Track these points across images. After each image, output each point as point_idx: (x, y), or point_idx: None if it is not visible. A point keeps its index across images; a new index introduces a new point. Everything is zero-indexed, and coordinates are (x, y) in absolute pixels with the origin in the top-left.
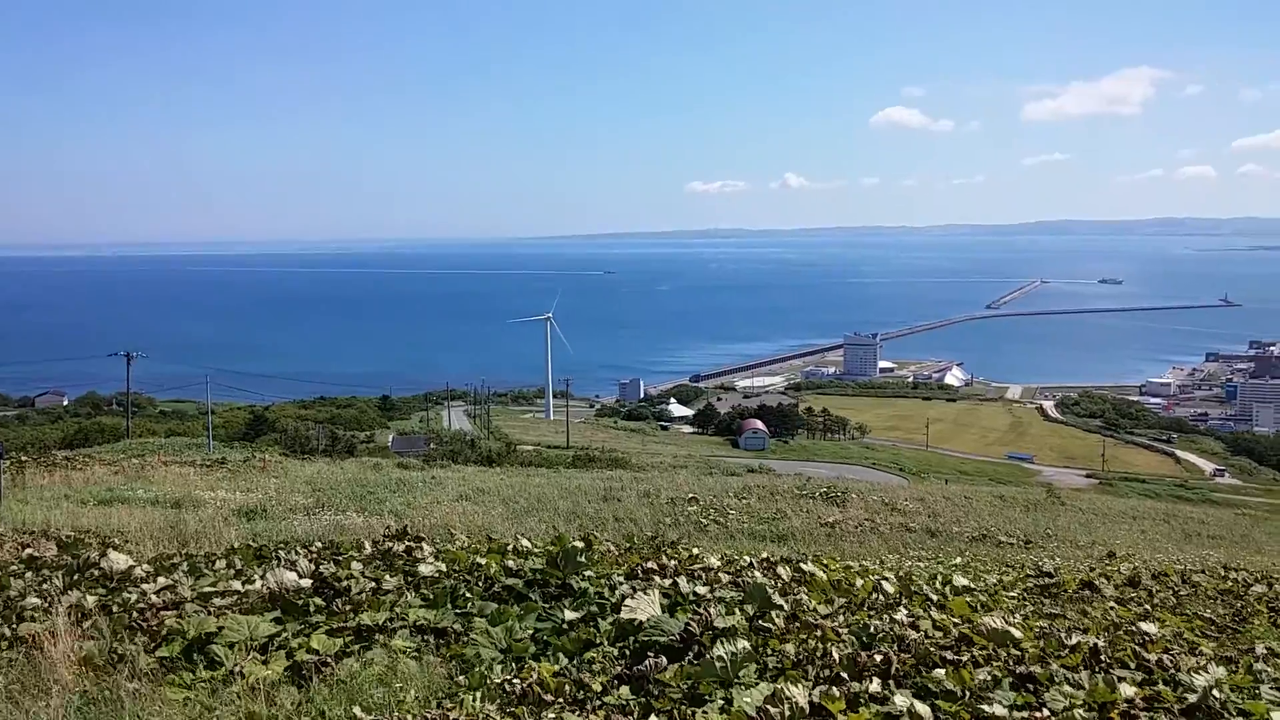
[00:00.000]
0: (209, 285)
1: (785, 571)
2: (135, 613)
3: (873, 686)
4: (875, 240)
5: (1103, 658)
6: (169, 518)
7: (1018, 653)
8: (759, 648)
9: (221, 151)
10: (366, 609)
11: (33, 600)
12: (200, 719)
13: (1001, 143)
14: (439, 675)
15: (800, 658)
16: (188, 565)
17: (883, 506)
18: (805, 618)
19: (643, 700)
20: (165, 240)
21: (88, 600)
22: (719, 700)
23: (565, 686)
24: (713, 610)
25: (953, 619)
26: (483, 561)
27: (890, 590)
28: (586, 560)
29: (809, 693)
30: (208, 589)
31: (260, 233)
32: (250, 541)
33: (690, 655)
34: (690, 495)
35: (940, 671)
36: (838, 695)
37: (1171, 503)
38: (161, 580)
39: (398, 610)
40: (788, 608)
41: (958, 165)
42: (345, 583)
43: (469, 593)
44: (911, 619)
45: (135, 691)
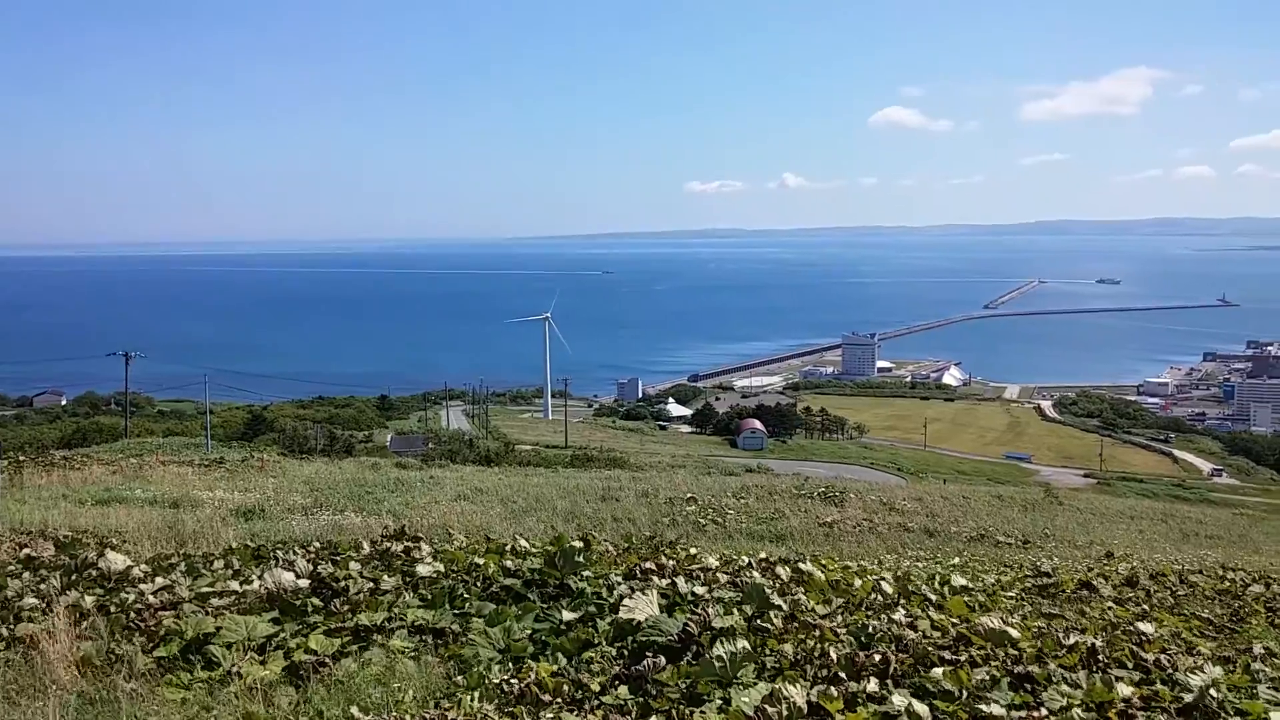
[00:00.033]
0: (209, 285)
1: (783, 572)
2: (133, 613)
3: (870, 686)
4: (873, 240)
5: (1100, 657)
6: (167, 518)
7: (1015, 652)
8: (757, 648)
9: (221, 151)
10: (364, 609)
11: (30, 600)
12: (198, 719)
13: (1000, 143)
14: (437, 675)
15: (798, 658)
16: (185, 565)
17: (881, 506)
18: (803, 618)
19: (641, 700)
20: (165, 240)
21: (85, 600)
22: (717, 700)
23: (563, 686)
24: (711, 610)
25: (951, 619)
26: (481, 561)
27: (888, 590)
28: (585, 560)
29: (807, 692)
30: (205, 589)
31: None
32: (248, 542)
33: (689, 655)
34: (688, 495)
35: (938, 671)
36: (836, 695)
37: (1169, 502)
38: (159, 580)
39: (396, 610)
40: (786, 608)
41: (956, 165)
42: (343, 583)
43: (467, 593)
44: (909, 619)
45: (133, 692)
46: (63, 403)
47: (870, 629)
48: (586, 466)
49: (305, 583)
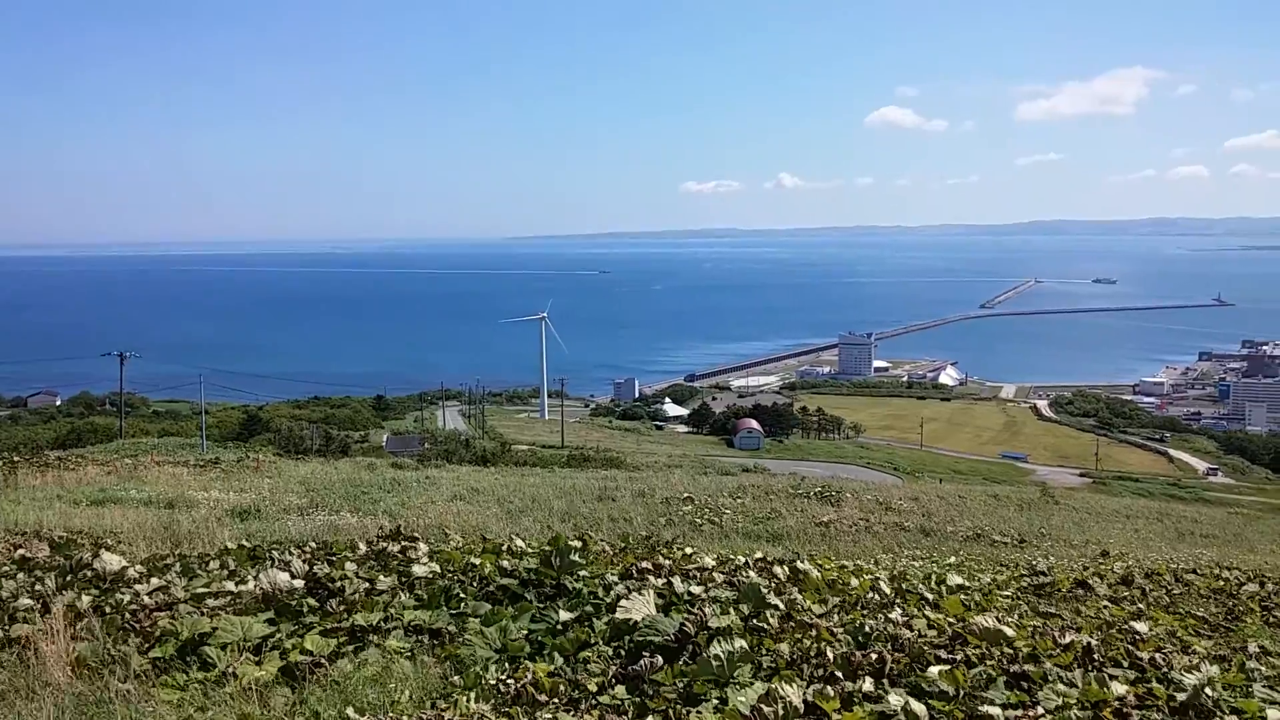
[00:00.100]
0: (208, 285)
1: (780, 571)
2: (128, 614)
3: (867, 685)
4: (869, 240)
5: (1096, 656)
6: (162, 518)
7: (1011, 652)
8: (754, 647)
9: (221, 151)
10: (360, 609)
11: (25, 601)
12: None
13: (995, 143)
14: (433, 676)
15: (795, 657)
16: (181, 566)
17: (877, 506)
18: (800, 617)
19: (638, 700)
20: (165, 240)
21: (81, 601)
22: (714, 700)
23: (560, 686)
24: (708, 610)
25: (947, 618)
26: (477, 561)
27: (884, 589)
28: (581, 560)
29: (803, 692)
30: (201, 590)
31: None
32: (244, 542)
33: (685, 655)
34: (685, 495)
35: (934, 670)
36: (832, 694)
37: (1165, 501)
38: (155, 581)
39: (392, 611)
40: (782, 607)
41: (952, 165)
42: (339, 583)
43: (463, 593)
44: (906, 618)
45: (128, 693)
46: (57, 403)
47: (866, 628)
48: (583, 466)
49: (301, 583)
